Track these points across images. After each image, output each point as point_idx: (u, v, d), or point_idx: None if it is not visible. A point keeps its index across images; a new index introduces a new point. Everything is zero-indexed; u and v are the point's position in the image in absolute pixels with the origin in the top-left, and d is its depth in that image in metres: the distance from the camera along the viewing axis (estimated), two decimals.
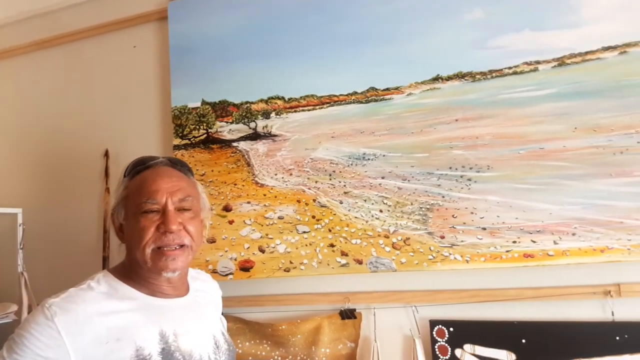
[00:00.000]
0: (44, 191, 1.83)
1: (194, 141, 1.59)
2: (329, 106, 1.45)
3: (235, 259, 1.48)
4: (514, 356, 1.22)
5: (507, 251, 1.24)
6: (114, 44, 1.79)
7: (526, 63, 1.28)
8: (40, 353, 0.85)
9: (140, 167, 1.02)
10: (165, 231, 0.95)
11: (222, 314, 1.49)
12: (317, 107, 1.46)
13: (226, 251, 1.50)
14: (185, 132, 1.60)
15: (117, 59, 1.78)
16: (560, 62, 1.26)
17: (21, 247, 1.65)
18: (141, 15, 1.73)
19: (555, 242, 1.21)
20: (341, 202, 1.41)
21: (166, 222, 0.95)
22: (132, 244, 0.97)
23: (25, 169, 1.86)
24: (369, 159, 1.39)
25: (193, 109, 1.60)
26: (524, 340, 1.22)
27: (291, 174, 1.47)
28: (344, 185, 1.41)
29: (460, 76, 1.33)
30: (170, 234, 0.95)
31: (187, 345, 0.96)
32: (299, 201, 1.45)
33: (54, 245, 1.76)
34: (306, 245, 1.42)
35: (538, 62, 1.28)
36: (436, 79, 1.35)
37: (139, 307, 0.95)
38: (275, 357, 1.44)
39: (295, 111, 1.49)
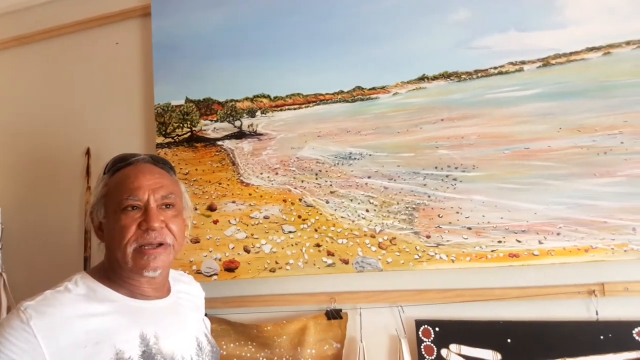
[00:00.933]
0: (23, 190, 1.79)
1: (177, 139, 1.57)
2: (315, 105, 1.44)
3: (220, 260, 1.46)
4: (499, 356, 1.22)
5: (493, 251, 1.24)
6: (96, 41, 1.76)
7: (511, 63, 1.28)
8: (15, 357, 0.82)
9: (120, 164, 1.00)
10: (147, 229, 0.93)
11: (206, 315, 1.47)
12: (303, 105, 1.45)
13: (210, 251, 1.48)
14: (168, 131, 1.57)
15: (99, 55, 1.75)
16: (545, 62, 1.26)
17: (0, 247, 1.61)
18: (124, 11, 1.70)
19: (540, 242, 1.21)
20: (327, 202, 1.39)
21: (148, 219, 0.93)
22: (113, 242, 0.95)
23: (4, 167, 1.82)
24: (355, 159, 1.38)
25: (177, 106, 1.57)
26: (509, 340, 1.22)
27: (277, 173, 1.45)
28: (330, 185, 1.40)
29: (446, 76, 1.33)
30: (152, 232, 0.93)
31: (168, 347, 0.94)
32: (284, 201, 1.44)
33: (33, 245, 1.72)
34: (292, 245, 1.41)
35: (523, 62, 1.28)
36: (422, 78, 1.34)
37: (118, 309, 0.93)
38: (260, 359, 1.42)
39: (281, 110, 1.47)
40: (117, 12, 1.71)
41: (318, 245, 1.39)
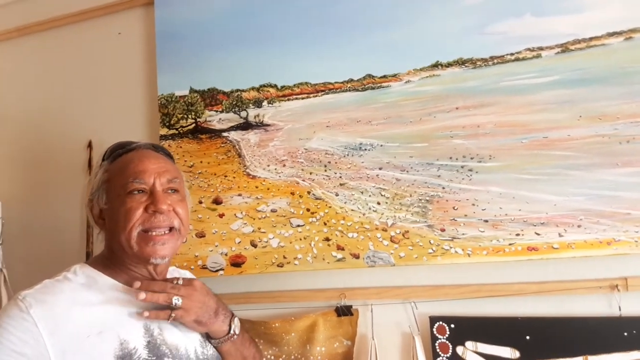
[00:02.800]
0: (24, 184, 1.75)
1: (181, 131, 1.52)
2: (323, 94, 1.39)
3: (226, 254, 1.42)
4: (517, 353, 1.18)
5: (510, 244, 1.19)
6: (98, 31, 1.72)
7: (528, 49, 1.23)
8: (15, 349, 0.78)
9: (121, 150, 0.98)
10: (155, 211, 0.90)
11: None
12: (312, 95, 1.40)
13: (216, 246, 1.43)
14: (172, 122, 1.53)
15: (102, 46, 1.71)
16: (564, 48, 1.21)
17: (0, 242, 1.57)
18: (126, 0, 1.66)
19: (560, 235, 1.16)
20: (337, 194, 1.35)
21: (155, 202, 0.91)
22: (116, 227, 0.91)
23: (4, 161, 1.78)
24: (365, 149, 1.33)
25: (180, 97, 1.53)
26: (528, 337, 1.17)
27: (284, 165, 1.41)
28: (340, 177, 1.35)
29: (460, 63, 1.28)
30: (160, 215, 0.91)
31: (172, 338, 0.93)
32: (292, 193, 1.39)
33: (34, 240, 1.69)
34: (300, 239, 1.37)
35: (541, 49, 1.23)
36: (435, 65, 1.29)
37: (120, 298, 0.91)
38: (268, 357, 1.38)
39: (288, 99, 1.43)
40: (119, 1, 1.67)
41: (327, 239, 1.34)
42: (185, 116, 1.52)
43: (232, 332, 1.01)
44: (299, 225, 1.38)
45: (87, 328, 0.84)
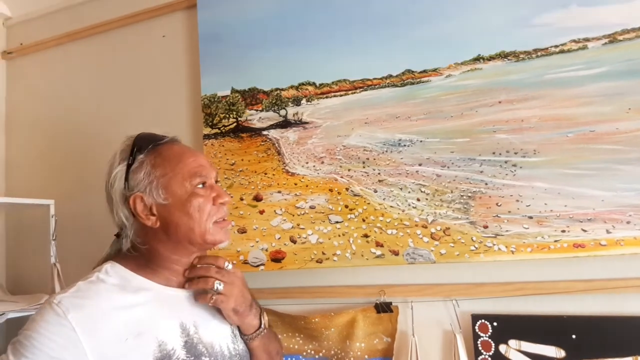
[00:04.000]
0: (75, 183, 1.83)
1: (223, 130, 1.56)
2: (362, 91, 1.39)
3: (267, 250, 1.45)
4: (563, 352, 1.15)
5: (556, 241, 1.16)
6: (144, 34, 1.77)
7: (574, 41, 1.20)
8: (53, 355, 0.77)
9: (159, 142, 0.97)
10: (223, 203, 0.96)
11: None
12: (350, 92, 1.40)
13: (257, 242, 1.46)
14: (215, 121, 1.57)
15: (147, 48, 1.76)
16: (612, 38, 1.17)
17: (54, 238, 1.65)
18: (170, 3, 1.70)
19: (608, 231, 1.12)
20: (375, 191, 1.35)
21: (222, 195, 0.96)
22: (187, 220, 0.92)
23: (56, 161, 1.86)
24: (405, 145, 1.33)
25: (222, 97, 1.56)
26: (574, 336, 1.14)
27: (323, 162, 1.42)
28: (379, 173, 1.35)
29: (503, 56, 1.25)
30: (225, 206, 0.97)
31: (207, 336, 0.94)
32: (331, 190, 1.40)
33: (85, 236, 1.76)
34: (339, 235, 1.37)
35: (587, 40, 1.19)
36: (477, 59, 1.27)
37: (155, 299, 0.90)
38: (309, 351, 1.40)
39: (326, 97, 1.43)
40: (163, 5, 1.71)
41: (366, 236, 1.34)
42: (227, 116, 1.55)
43: (262, 326, 1.02)
44: (337, 222, 1.38)
45: (125, 331, 0.83)
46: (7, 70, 2.05)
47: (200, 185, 0.95)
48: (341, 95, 1.42)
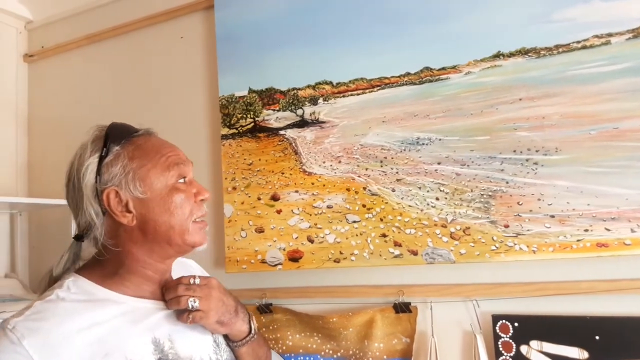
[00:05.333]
0: None
1: (241, 130, 1.56)
2: (379, 89, 1.38)
3: (284, 249, 1.45)
4: (586, 354, 1.12)
5: (578, 240, 1.14)
6: (162, 36, 1.79)
7: (597, 36, 1.17)
8: None
9: (135, 134, 0.89)
10: (202, 200, 0.89)
11: (271, 305, 1.47)
12: (367, 90, 1.40)
13: (274, 241, 1.46)
14: (232, 122, 1.58)
15: (165, 49, 1.78)
16: (636, 33, 1.14)
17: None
18: (188, 5, 1.72)
19: (632, 230, 1.10)
20: (393, 190, 1.34)
21: (202, 191, 0.89)
22: (168, 217, 0.84)
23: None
24: (423, 144, 1.32)
25: (240, 97, 1.57)
26: (597, 337, 1.12)
27: (340, 162, 1.42)
28: (397, 172, 1.34)
29: (523, 52, 1.23)
30: (204, 203, 0.90)
31: (186, 350, 0.85)
32: (348, 189, 1.40)
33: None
34: (356, 235, 1.37)
35: (610, 35, 1.16)
36: (497, 56, 1.25)
37: (124, 313, 0.81)
38: (327, 351, 1.39)
39: (343, 96, 1.43)
40: (181, 6, 1.73)
41: (384, 236, 1.34)
42: (245, 116, 1.56)
43: (252, 331, 0.95)
44: (354, 221, 1.38)
45: (90, 353, 0.75)
46: (28, 73, 2.09)
47: (181, 180, 0.87)
48: (358, 94, 1.41)
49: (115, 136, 0.86)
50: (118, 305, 0.82)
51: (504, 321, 1.21)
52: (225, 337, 0.95)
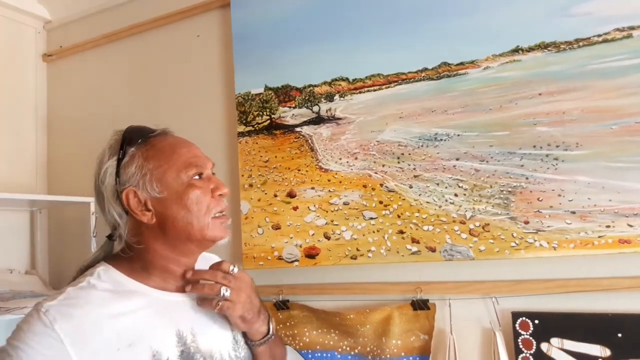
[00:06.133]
0: None
1: (257, 127, 1.57)
2: (396, 85, 1.38)
3: (301, 246, 1.45)
4: (608, 351, 1.11)
5: (600, 237, 1.12)
6: (179, 34, 1.81)
7: (618, 29, 1.16)
8: None
9: (151, 135, 0.91)
10: (221, 195, 0.90)
11: (288, 301, 1.47)
12: (384, 86, 1.39)
13: (291, 238, 1.47)
14: (249, 119, 1.58)
15: (182, 48, 1.79)
16: None
17: (94, 235, 1.71)
18: (204, 3, 1.73)
19: None
20: (411, 187, 1.33)
21: (220, 187, 0.90)
22: (185, 214, 0.86)
23: (93, 159, 1.92)
24: (441, 140, 1.31)
25: (256, 95, 1.58)
26: (620, 334, 1.10)
27: (356, 158, 1.41)
28: (414, 169, 1.33)
29: (542, 47, 1.22)
30: (223, 198, 0.91)
31: (206, 344, 0.88)
32: (364, 186, 1.39)
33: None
34: (373, 231, 1.37)
35: (632, 28, 1.14)
36: (516, 50, 1.24)
37: (150, 305, 0.85)
38: (344, 347, 1.39)
39: (360, 92, 1.43)
40: (197, 5, 1.74)
41: (401, 232, 1.33)
42: (261, 113, 1.56)
43: (270, 332, 0.96)
44: (371, 218, 1.38)
45: (117, 341, 0.78)
46: (47, 72, 2.13)
47: (197, 177, 0.88)
48: (375, 90, 1.41)
49: (131, 138, 0.89)
50: (145, 297, 0.85)
51: (524, 318, 1.20)
52: (244, 335, 0.96)
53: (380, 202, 1.37)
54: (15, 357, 0.74)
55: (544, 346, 1.17)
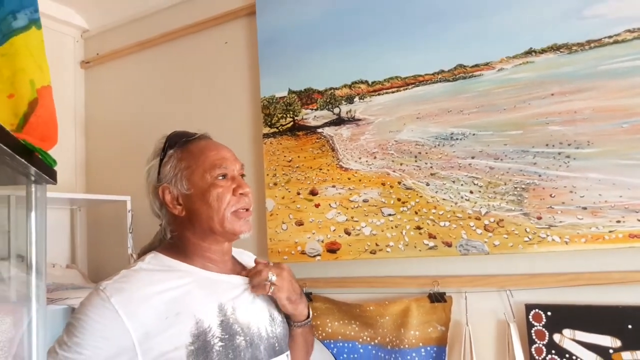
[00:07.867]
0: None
1: (281, 129, 1.65)
2: (414, 87, 1.44)
3: (322, 241, 1.52)
4: (619, 342, 1.15)
5: (611, 231, 1.16)
6: (208, 41, 1.90)
7: (629, 30, 1.19)
8: (100, 334, 0.87)
9: (188, 138, 1.05)
10: (242, 194, 1.01)
11: (311, 294, 1.54)
12: (402, 88, 1.45)
13: (313, 233, 1.54)
14: (273, 121, 1.66)
15: (211, 54, 1.89)
16: None
17: (131, 231, 1.79)
18: (231, 12, 1.82)
19: None
20: (428, 184, 1.39)
21: (242, 186, 1.02)
22: (209, 209, 0.99)
23: (132, 160, 2.01)
24: (457, 139, 1.36)
25: (280, 98, 1.66)
26: (630, 326, 1.14)
27: (375, 157, 1.48)
28: (431, 167, 1.39)
29: (555, 48, 1.26)
30: (246, 197, 1.02)
31: (244, 317, 0.99)
32: (383, 184, 1.46)
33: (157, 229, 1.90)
34: (392, 227, 1.43)
35: None
36: (529, 52, 1.29)
37: (195, 281, 0.97)
38: (364, 337, 1.46)
39: (378, 94, 1.49)
40: (224, 13, 1.83)
41: (419, 228, 1.39)
42: (285, 115, 1.65)
43: (309, 316, 1.12)
44: (390, 215, 1.44)
45: (165, 310, 0.90)
46: (85, 78, 2.25)
47: (221, 177, 1.00)
48: (393, 92, 1.47)
49: (172, 142, 1.04)
50: (190, 275, 0.98)
51: (537, 310, 1.25)
52: (287, 317, 1.10)
53: (399, 199, 1.43)
54: (77, 327, 0.88)
55: (556, 337, 1.21)
